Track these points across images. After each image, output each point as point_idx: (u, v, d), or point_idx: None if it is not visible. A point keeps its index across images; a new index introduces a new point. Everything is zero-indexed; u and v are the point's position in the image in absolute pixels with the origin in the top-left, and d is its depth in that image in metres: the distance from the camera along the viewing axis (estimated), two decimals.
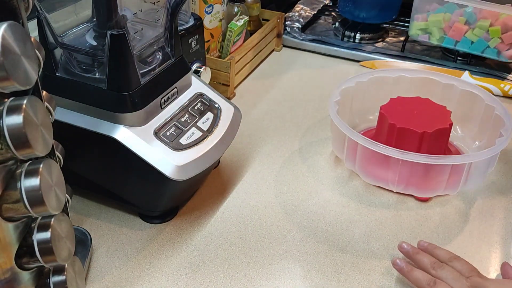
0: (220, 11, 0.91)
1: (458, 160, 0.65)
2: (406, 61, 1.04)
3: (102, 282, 0.57)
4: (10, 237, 0.37)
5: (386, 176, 0.69)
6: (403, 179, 0.67)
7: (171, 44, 0.63)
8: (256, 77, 1.00)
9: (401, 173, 0.66)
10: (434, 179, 0.67)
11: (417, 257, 0.57)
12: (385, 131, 0.70)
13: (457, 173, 0.66)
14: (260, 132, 0.83)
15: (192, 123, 0.63)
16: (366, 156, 0.68)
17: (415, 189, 0.69)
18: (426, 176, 0.66)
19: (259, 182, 0.72)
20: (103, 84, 0.57)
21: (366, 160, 0.69)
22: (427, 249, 0.59)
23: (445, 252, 0.57)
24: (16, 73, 0.33)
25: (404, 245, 0.59)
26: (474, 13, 0.95)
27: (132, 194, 0.63)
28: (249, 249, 0.62)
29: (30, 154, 0.34)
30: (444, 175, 0.66)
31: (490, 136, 0.74)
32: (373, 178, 0.71)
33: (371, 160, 0.69)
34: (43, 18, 0.56)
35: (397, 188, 0.69)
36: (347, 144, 0.70)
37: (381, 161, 0.67)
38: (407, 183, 0.68)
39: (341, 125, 0.69)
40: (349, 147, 0.70)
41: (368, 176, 0.71)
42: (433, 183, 0.67)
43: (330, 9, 1.26)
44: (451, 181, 0.67)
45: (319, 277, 0.58)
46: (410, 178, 0.67)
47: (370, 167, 0.70)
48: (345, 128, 0.68)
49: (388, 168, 0.67)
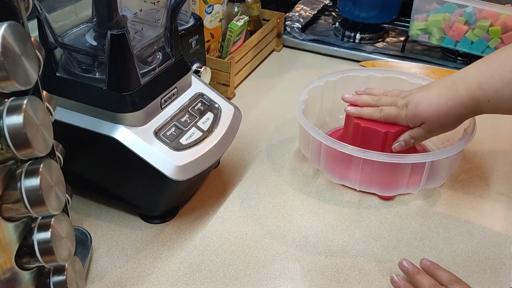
0: (220, 11, 0.91)
1: (418, 159, 0.65)
2: (406, 61, 1.04)
3: (102, 282, 0.57)
4: (10, 237, 0.37)
5: (349, 175, 0.69)
6: (365, 177, 0.68)
7: (171, 44, 0.63)
8: (256, 77, 1.00)
9: (363, 171, 0.67)
10: (395, 178, 0.67)
11: (417, 277, 0.55)
12: (351, 130, 0.71)
13: (418, 172, 0.67)
14: (260, 132, 0.83)
15: (192, 123, 0.63)
16: (330, 155, 0.69)
17: (378, 188, 0.69)
18: (387, 175, 0.67)
19: (259, 182, 0.72)
20: (103, 84, 0.57)
21: (330, 159, 0.70)
22: (428, 268, 0.57)
23: (447, 274, 0.55)
24: (16, 73, 0.33)
25: (405, 263, 0.58)
26: (474, 13, 0.95)
27: (132, 194, 0.63)
28: (249, 249, 0.62)
29: (30, 154, 0.34)
30: (405, 174, 0.66)
31: (456, 134, 0.74)
32: (337, 177, 0.71)
33: (335, 159, 0.69)
34: (43, 18, 0.56)
35: (359, 187, 0.70)
36: (311, 143, 0.71)
37: (344, 160, 0.68)
38: (370, 182, 0.69)
39: (306, 124, 0.69)
40: (313, 146, 0.71)
41: (333, 175, 0.71)
42: (394, 182, 0.68)
43: (330, 9, 1.26)
44: (413, 180, 0.67)
45: (319, 277, 0.58)
46: (372, 176, 0.68)
47: (334, 166, 0.70)
48: (309, 127, 0.69)
49: (351, 167, 0.68)
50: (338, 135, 0.76)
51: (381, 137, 0.68)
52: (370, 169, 0.67)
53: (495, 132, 0.85)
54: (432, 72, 1.01)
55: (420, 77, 0.81)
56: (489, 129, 0.86)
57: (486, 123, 0.87)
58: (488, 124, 0.87)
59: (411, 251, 0.62)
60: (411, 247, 0.62)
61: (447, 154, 0.65)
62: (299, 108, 0.72)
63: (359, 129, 0.69)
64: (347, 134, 0.73)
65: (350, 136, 0.71)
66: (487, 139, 0.83)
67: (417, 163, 0.65)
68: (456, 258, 0.61)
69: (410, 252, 0.62)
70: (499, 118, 0.89)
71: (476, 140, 0.81)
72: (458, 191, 0.72)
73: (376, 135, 0.68)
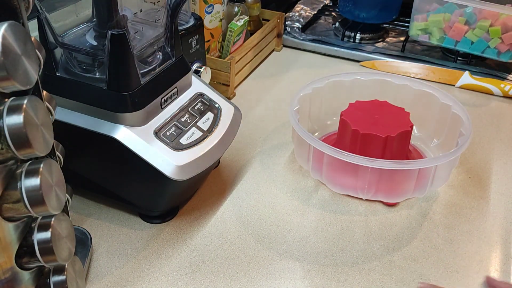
0: (220, 11, 0.91)
1: (426, 164, 0.64)
2: (406, 61, 1.04)
3: (102, 282, 0.57)
4: (11, 237, 0.37)
5: (355, 184, 0.68)
6: (372, 186, 0.67)
7: (171, 44, 0.63)
8: (256, 77, 1.00)
9: (370, 180, 0.66)
10: (402, 184, 0.66)
11: None
12: (348, 137, 0.70)
13: (424, 176, 0.66)
14: (260, 132, 0.83)
15: (192, 123, 0.63)
16: (333, 165, 0.67)
17: (384, 195, 0.68)
18: (394, 182, 0.66)
19: (259, 182, 0.72)
20: (104, 84, 0.57)
21: (334, 169, 0.68)
22: None
23: None
24: (17, 73, 0.33)
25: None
26: (474, 13, 0.95)
27: (132, 194, 0.63)
28: (249, 249, 0.62)
29: (30, 154, 0.34)
30: (412, 179, 0.65)
31: (448, 134, 0.75)
32: (340, 187, 0.70)
33: (340, 170, 0.67)
34: (43, 18, 0.56)
35: (366, 196, 0.68)
36: (312, 155, 0.69)
37: (350, 170, 0.66)
38: (376, 190, 0.67)
39: (306, 135, 0.67)
40: (315, 158, 0.69)
41: (336, 185, 0.70)
42: (401, 188, 0.67)
43: (330, 9, 1.26)
44: (419, 184, 0.66)
45: (319, 277, 0.58)
46: (379, 184, 0.66)
47: (339, 176, 0.68)
48: (311, 138, 0.66)
49: (357, 176, 0.66)
50: (331, 142, 0.74)
51: (381, 142, 0.67)
52: (377, 177, 0.65)
53: (495, 132, 0.85)
54: (432, 72, 1.01)
55: (405, 78, 0.81)
56: (489, 129, 0.86)
57: (486, 123, 0.87)
58: (488, 124, 0.87)
59: (411, 251, 0.62)
60: (411, 247, 0.62)
61: (453, 156, 0.65)
62: (294, 119, 0.70)
63: (358, 135, 0.68)
64: (343, 141, 0.71)
65: (348, 143, 0.70)
66: (487, 139, 0.83)
67: (424, 168, 0.64)
68: (456, 258, 0.61)
69: (410, 252, 0.62)
70: (499, 118, 0.89)
71: (476, 140, 0.81)
72: (458, 191, 0.72)
73: (376, 141, 0.67)
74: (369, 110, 0.72)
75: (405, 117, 0.71)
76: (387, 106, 0.74)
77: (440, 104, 0.76)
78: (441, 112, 0.77)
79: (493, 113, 0.91)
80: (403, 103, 0.75)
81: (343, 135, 0.72)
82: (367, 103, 0.74)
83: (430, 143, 0.79)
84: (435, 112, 0.78)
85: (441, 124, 0.77)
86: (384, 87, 0.81)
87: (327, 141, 0.71)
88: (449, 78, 0.99)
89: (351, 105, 0.73)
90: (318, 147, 0.65)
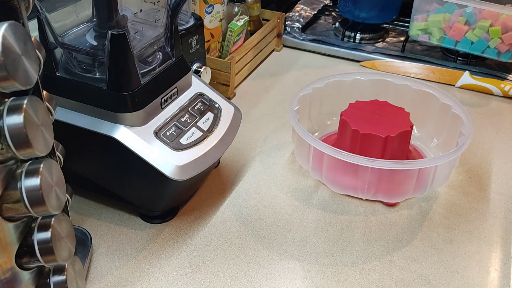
0: (221, 11, 0.91)
1: (426, 164, 0.64)
2: (406, 61, 1.04)
3: (102, 282, 0.57)
4: (10, 237, 0.37)
5: (355, 184, 0.68)
6: (372, 186, 0.67)
7: (171, 44, 0.63)
8: (256, 77, 1.00)
9: (370, 180, 0.66)
10: (402, 184, 0.66)
11: None
12: (348, 137, 0.69)
13: (424, 176, 0.66)
14: (260, 132, 0.83)
15: (192, 123, 0.63)
16: (333, 165, 0.67)
17: (384, 195, 0.68)
18: (394, 182, 0.66)
19: (259, 182, 0.72)
20: (103, 84, 0.57)
21: (335, 169, 0.68)
22: None
23: None
24: (17, 73, 0.33)
25: None
26: (474, 13, 0.95)
27: (132, 194, 0.63)
28: (249, 249, 0.62)
29: (30, 154, 0.34)
30: (412, 179, 0.65)
31: (448, 134, 0.74)
32: (340, 187, 0.70)
33: (341, 170, 0.67)
34: (43, 18, 0.56)
35: (366, 196, 0.68)
36: (312, 155, 0.69)
37: (351, 170, 0.66)
38: (376, 190, 0.67)
39: (306, 135, 0.67)
40: (315, 158, 0.69)
41: (336, 185, 0.70)
42: (401, 188, 0.67)
43: (330, 9, 1.26)
44: (419, 184, 0.66)
45: (319, 277, 0.58)
46: (379, 184, 0.66)
47: (337, 176, 0.68)
48: (312, 139, 0.66)
49: (357, 176, 0.66)
50: (331, 142, 0.74)
51: (381, 142, 0.67)
52: (377, 177, 0.65)
53: (495, 132, 0.85)
54: (432, 72, 1.01)
55: (405, 78, 0.81)
56: (489, 129, 0.86)
57: (486, 123, 0.87)
58: (488, 124, 0.87)
59: (411, 251, 0.62)
60: (411, 247, 0.63)
61: (454, 156, 0.65)
62: (294, 119, 0.70)
63: (358, 135, 0.68)
64: (343, 141, 0.71)
65: (348, 143, 0.70)
66: (487, 139, 0.83)
67: (424, 167, 0.64)
68: (456, 258, 0.61)
69: (410, 252, 0.62)
70: (499, 118, 0.89)
71: (476, 140, 0.81)
72: (458, 191, 0.72)
73: (376, 141, 0.67)
74: (369, 110, 0.72)
75: (405, 117, 0.71)
76: (387, 106, 0.74)
77: (440, 104, 0.76)
78: (441, 112, 0.77)
79: (493, 113, 0.91)
80: (403, 103, 0.75)
81: (343, 135, 0.72)
82: (367, 103, 0.74)
83: (430, 143, 0.79)
84: (435, 112, 0.78)
85: (441, 124, 0.77)
86: (384, 87, 0.81)
87: (327, 141, 0.71)
88: (449, 78, 0.99)
89: (351, 105, 0.73)
90: (318, 147, 0.65)
